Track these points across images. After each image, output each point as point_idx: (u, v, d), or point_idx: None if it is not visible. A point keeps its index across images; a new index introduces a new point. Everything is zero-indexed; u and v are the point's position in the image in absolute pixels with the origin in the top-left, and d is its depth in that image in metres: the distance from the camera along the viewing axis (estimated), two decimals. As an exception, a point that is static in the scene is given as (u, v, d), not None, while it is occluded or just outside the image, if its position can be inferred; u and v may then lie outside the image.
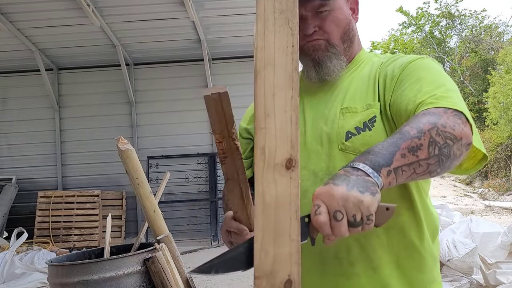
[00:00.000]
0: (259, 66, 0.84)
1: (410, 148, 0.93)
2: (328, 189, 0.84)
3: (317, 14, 1.26)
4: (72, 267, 2.05)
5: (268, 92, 0.84)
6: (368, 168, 0.88)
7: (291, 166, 0.81)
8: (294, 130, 0.82)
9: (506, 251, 4.93)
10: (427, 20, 26.58)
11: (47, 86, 8.53)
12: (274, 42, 0.85)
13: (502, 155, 17.11)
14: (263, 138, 0.82)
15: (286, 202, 0.81)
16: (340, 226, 0.82)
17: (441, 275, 4.07)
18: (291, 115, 0.82)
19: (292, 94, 0.83)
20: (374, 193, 0.84)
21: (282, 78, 0.84)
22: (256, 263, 0.79)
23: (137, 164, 2.11)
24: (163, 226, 2.18)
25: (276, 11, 0.86)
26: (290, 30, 0.86)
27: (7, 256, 5.33)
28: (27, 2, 6.69)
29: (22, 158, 8.87)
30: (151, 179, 8.34)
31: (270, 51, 0.85)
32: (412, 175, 0.94)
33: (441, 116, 0.99)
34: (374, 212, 0.84)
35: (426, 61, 1.21)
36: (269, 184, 0.81)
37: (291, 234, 0.80)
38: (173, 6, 7.01)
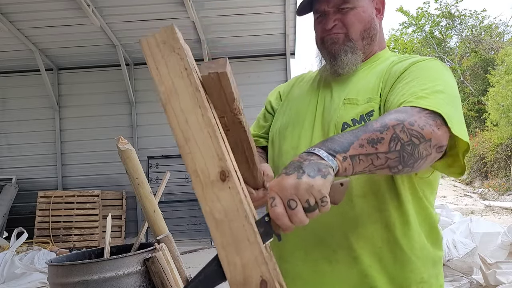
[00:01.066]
0: (164, 99, 0.89)
1: (370, 140, 0.93)
2: (280, 180, 0.85)
3: (339, 10, 1.30)
4: (72, 267, 2.05)
5: (181, 119, 0.88)
6: (323, 152, 0.89)
7: (225, 177, 0.84)
8: (215, 143, 0.85)
9: (506, 251, 4.93)
10: (427, 20, 26.57)
11: (47, 86, 8.53)
12: (169, 73, 0.90)
13: (502, 155, 17.11)
14: (192, 161, 0.86)
15: (234, 211, 0.83)
16: (296, 213, 0.83)
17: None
18: (207, 131, 0.86)
19: (202, 112, 0.86)
20: (325, 175, 0.85)
21: (188, 102, 0.88)
22: (228, 277, 0.83)
23: (137, 164, 2.11)
24: (163, 226, 2.18)
25: (159, 43, 0.91)
26: (178, 55, 0.90)
27: (7, 256, 5.33)
28: (27, 2, 6.69)
29: (22, 158, 8.86)
30: (151, 179, 8.34)
31: (168, 82, 0.89)
32: (369, 166, 0.94)
33: (412, 115, 0.99)
34: (327, 194, 0.85)
35: (431, 63, 1.21)
36: (213, 202, 0.84)
37: (249, 239, 0.82)
38: (173, 6, 7.01)
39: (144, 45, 0.90)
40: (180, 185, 8.61)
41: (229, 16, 7.55)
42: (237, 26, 7.87)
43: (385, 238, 1.20)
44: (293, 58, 9.25)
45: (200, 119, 0.87)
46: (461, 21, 25.81)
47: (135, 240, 2.47)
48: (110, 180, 8.69)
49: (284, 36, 8.34)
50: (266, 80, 8.59)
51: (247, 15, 7.49)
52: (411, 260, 1.21)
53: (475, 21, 25.55)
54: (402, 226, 1.20)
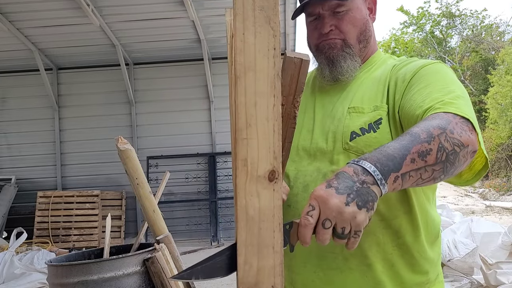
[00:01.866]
0: (239, 71, 0.79)
1: (420, 153, 0.92)
2: (328, 195, 0.83)
3: (334, 13, 1.26)
4: (72, 268, 2.03)
5: (250, 100, 0.79)
6: (378, 174, 0.87)
7: (274, 178, 0.80)
8: (276, 140, 0.80)
9: (507, 251, 4.92)
10: (427, 19, 26.58)
11: (46, 86, 8.52)
12: (255, 44, 0.80)
13: (503, 155, 17.11)
14: (245, 149, 0.79)
15: (269, 215, 0.80)
16: (325, 233, 0.83)
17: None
18: (273, 124, 0.79)
19: (275, 102, 0.79)
20: (369, 209, 0.84)
21: (264, 85, 0.79)
22: (240, 275, 0.80)
23: (136, 164, 2.10)
24: (162, 226, 2.17)
25: (256, 8, 0.80)
26: (272, 31, 0.81)
27: (6, 256, 5.32)
28: (27, 1, 6.68)
29: (21, 158, 8.85)
30: (150, 179, 8.33)
31: (250, 55, 0.79)
32: (417, 180, 0.93)
33: (450, 122, 0.98)
34: (363, 228, 0.84)
35: (438, 66, 1.20)
36: (252, 197, 0.80)
37: (274, 247, 0.79)
38: (173, 6, 7.00)
39: (238, 2, 0.79)
40: (180, 185, 8.61)
41: (229, 16, 7.53)
42: (237, 25, 7.86)
43: (396, 244, 1.19)
44: (293, 57, 9.23)
45: (271, 108, 0.79)
46: (462, 21, 25.82)
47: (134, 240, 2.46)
48: (109, 180, 8.68)
49: (284, 35, 8.33)
50: (266, 79, 8.59)
51: (247, 14, 7.48)
52: (420, 262, 1.21)
53: (475, 20, 25.56)
54: (412, 231, 1.20)
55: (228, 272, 0.84)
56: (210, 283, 4.84)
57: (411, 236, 1.20)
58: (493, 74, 18.72)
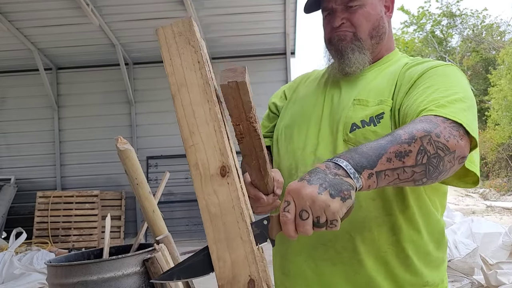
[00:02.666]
0: (174, 90, 0.89)
1: (398, 153, 0.91)
2: (300, 186, 0.84)
3: (346, 8, 1.27)
4: (71, 268, 2.02)
5: (188, 111, 0.88)
6: (351, 168, 0.87)
7: (226, 173, 0.85)
8: (220, 138, 0.86)
9: (507, 252, 4.92)
10: (428, 19, 26.58)
11: (46, 86, 8.51)
12: (181, 64, 0.90)
13: (504, 155, 17.10)
14: (194, 154, 0.87)
15: (229, 207, 0.84)
16: (305, 224, 0.84)
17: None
18: (213, 125, 0.87)
19: (210, 106, 0.87)
20: (345, 198, 0.84)
21: (197, 94, 0.88)
22: (217, 273, 0.84)
23: (136, 164, 2.08)
24: (162, 227, 2.16)
25: (175, 35, 0.91)
26: (193, 48, 0.90)
27: (6, 257, 5.31)
28: (26, 1, 6.67)
29: (21, 158, 8.84)
30: (150, 179, 8.32)
31: (180, 73, 0.89)
32: (395, 180, 0.93)
33: (438, 125, 0.97)
34: (339, 217, 0.84)
35: (448, 68, 1.19)
36: (210, 195, 0.85)
37: (242, 236, 0.83)
38: (173, 5, 7.00)
39: (160, 35, 0.90)
40: (179, 185, 8.59)
41: (229, 15, 7.53)
42: (237, 25, 7.86)
43: (390, 242, 1.19)
44: (293, 57, 9.24)
45: (207, 112, 0.87)
46: (462, 20, 25.82)
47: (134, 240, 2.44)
48: (109, 180, 8.66)
49: (284, 35, 8.32)
50: (267, 79, 8.56)
51: (247, 14, 7.48)
52: (416, 264, 1.20)
53: (476, 20, 25.56)
54: (408, 230, 1.20)
55: (208, 270, 0.86)
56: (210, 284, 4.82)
57: (406, 235, 1.19)
58: (493, 75, 18.70)
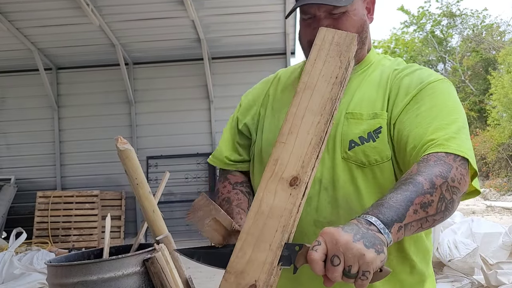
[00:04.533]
0: (300, 88, 0.92)
1: (422, 204, 0.94)
2: (335, 232, 0.84)
3: (330, 14, 1.23)
4: (71, 268, 2.02)
5: (299, 113, 0.91)
6: (380, 223, 0.88)
7: (295, 184, 0.87)
8: (309, 152, 0.88)
9: (508, 252, 4.91)
10: (428, 19, 26.56)
11: (46, 86, 8.50)
12: (321, 70, 0.93)
13: (504, 155, 17.09)
14: (280, 151, 0.89)
15: (278, 214, 0.85)
16: (334, 271, 0.82)
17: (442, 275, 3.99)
18: (311, 138, 0.89)
19: (320, 120, 0.90)
20: (379, 251, 0.83)
21: (316, 104, 0.91)
22: (232, 259, 0.85)
23: (136, 164, 2.07)
24: (162, 227, 2.15)
25: (333, 43, 0.94)
26: (340, 63, 0.93)
27: (6, 257, 5.30)
28: (26, 1, 6.67)
29: (21, 158, 8.83)
30: (150, 179, 8.31)
31: (314, 77, 0.92)
32: (418, 229, 0.95)
33: (451, 167, 1.00)
34: (373, 270, 0.83)
35: (444, 85, 1.19)
36: (270, 193, 0.87)
37: (271, 245, 0.84)
38: (173, 5, 6.99)
39: (320, 34, 0.94)
40: (179, 185, 8.59)
41: (229, 15, 7.53)
42: (237, 25, 7.85)
43: (395, 249, 1.19)
44: (293, 57, 9.24)
45: (314, 124, 0.89)
46: (462, 20, 25.80)
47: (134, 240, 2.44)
48: (109, 180, 8.66)
49: (284, 35, 8.32)
50: (266, 79, 8.57)
51: (247, 14, 7.47)
52: (416, 263, 1.22)
53: (476, 20, 25.54)
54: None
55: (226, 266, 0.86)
56: (211, 284, 4.83)
57: (409, 239, 1.20)
58: (492, 76, 18.67)
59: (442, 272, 4.67)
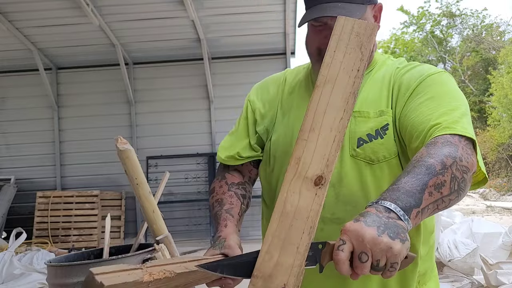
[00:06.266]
0: (320, 81, 0.87)
1: (436, 186, 0.94)
2: (359, 228, 0.82)
3: None
4: (71, 268, 2.02)
5: (320, 108, 0.87)
6: (400, 210, 0.87)
7: (320, 183, 0.84)
8: (333, 150, 0.85)
9: (508, 252, 4.92)
10: (428, 19, 26.58)
11: (46, 86, 8.50)
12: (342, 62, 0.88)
13: (504, 155, 17.09)
14: (302, 149, 0.85)
15: (304, 215, 0.82)
16: (363, 267, 0.82)
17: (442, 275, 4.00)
18: (335, 135, 0.85)
19: (343, 116, 0.86)
20: (404, 240, 0.83)
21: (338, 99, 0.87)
22: (258, 263, 0.82)
23: (136, 164, 2.08)
24: (162, 227, 2.16)
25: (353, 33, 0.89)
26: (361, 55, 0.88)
27: (5, 257, 5.30)
28: (26, 1, 6.66)
29: (20, 158, 8.83)
30: (150, 179, 8.30)
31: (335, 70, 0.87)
32: (434, 210, 0.95)
33: (458, 147, 1.01)
34: (400, 261, 0.83)
35: (444, 76, 1.21)
36: (294, 194, 0.83)
37: (299, 247, 0.81)
38: (173, 5, 6.99)
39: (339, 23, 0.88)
40: (179, 185, 8.59)
41: (229, 15, 7.52)
42: (237, 25, 7.85)
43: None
44: (293, 57, 9.23)
45: (337, 120, 0.85)
46: (462, 20, 25.81)
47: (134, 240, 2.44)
48: (109, 180, 8.66)
49: (284, 35, 8.31)
50: (266, 79, 8.57)
51: (247, 14, 7.47)
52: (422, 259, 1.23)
53: (476, 20, 25.55)
54: (416, 231, 1.21)
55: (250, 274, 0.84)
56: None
57: (416, 237, 1.21)
58: (493, 75, 18.67)
59: (442, 272, 4.67)
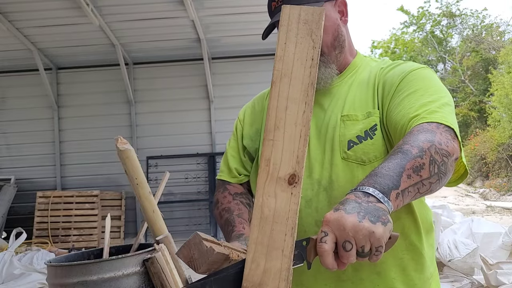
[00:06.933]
0: (276, 76, 0.84)
1: (415, 168, 0.93)
2: (339, 217, 0.82)
3: None
4: (71, 268, 2.02)
5: (281, 105, 0.83)
6: (378, 192, 0.87)
7: (294, 182, 0.81)
8: (301, 145, 0.81)
9: (507, 252, 4.92)
10: (428, 19, 26.59)
11: (46, 86, 8.50)
12: (294, 53, 0.84)
13: (503, 155, 17.08)
14: (270, 150, 0.82)
15: (283, 217, 0.80)
16: (348, 255, 0.82)
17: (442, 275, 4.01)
18: (300, 129, 0.82)
19: (305, 109, 0.82)
20: (385, 222, 0.83)
21: (297, 91, 0.83)
22: (246, 273, 0.80)
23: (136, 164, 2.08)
24: (162, 227, 2.15)
25: (300, 21, 0.84)
26: (312, 43, 0.84)
27: (6, 257, 5.30)
28: (26, 1, 6.66)
29: (20, 158, 8.83)
30: (150, 179, 8.31)
31: (288, 62, 0.84)
32: (416, 195, 0.95)
33: (435, 133, 1.00)
34: (384, 243, 0.83)
35: (425, 71, 1.22)
36: (270, 197, 0.81)
37: (284, 250, 0.80)
38: (173, 5, 6.99)
39: (284, 13, 0.84)
40: (179, 185, 8.59)
41: (229, 15, 7.52)
42: (237, 25, 7.85)
43: (404, 247, 1.20)
44: (293, 57, 9.22)
45: (300, 114, 0.82)
46: (462, 20, 25.81)
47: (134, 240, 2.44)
48: (109, 180, 8.66)
49: (284, 35, 8.31)
50: (266, 79, 8.56)
51: (247, 14, 7.47)
52: (425, 260, 1.23)
53: (476, 20, 25.56)
54: (415, 229, 1.21)
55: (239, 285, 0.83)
56: None
57: (416, 235, 1.21)
58: (493, 74, 18.66)
59: (442, 272, 4.67)
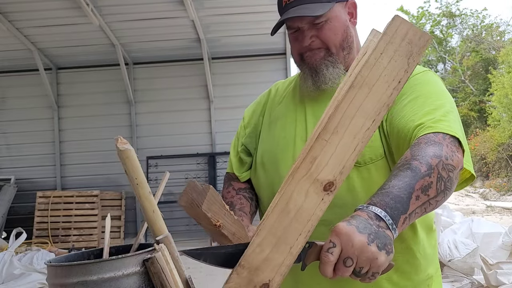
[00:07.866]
0: (358, 82, 0.80)
1: (423, 188, 0.93)
2: (351, 232, 0.82)
3: (313, 25, 1.26)
4: (71, 268, 2.02)
5: (350, 112, 0.80)
6: (389, 218, 0.87)
7: (329, 189, 0.80)
8: (351, 159, 0.80)
9: (507, 252, 4.91)
10: (428, 19, 26.57)
11: (46, 86, 8.50)
12: (385, 68, 0.81)
13: (504, 155, 17.08)
14: (320, 149, 0.80)
15: (305, 218, 0.79)
16: (345, 271, 0.83)
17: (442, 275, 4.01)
18: (357, 144, 0.80)
19: (370, 126, 0.80)
20: (389, 252, 0.84)
21: (371, 106, 0.80)
22: (247, 253, 0.80)
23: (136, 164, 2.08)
24: (162, 227, 2.15)
25: (405, 39, 0.81)
26: (407, 66, 0.81)
27: (6, 257, 5.30)
28: (26, 1, 6.66)
29: (20, 158, 8.82)
30: (150, 179, 8.30)
31: (375, 74, 0.81)
32: (422, 214, 0.95)
33: (442, 145, 1.00)
34: (381, 271, 0.84)
35: (428, 76, 1.22)
36: (300, 193, 0.79)
37: (292, 248, 0.80)
38: (173, 5, 6.98)
39: (393, 25, 0.81)
40: (179, 185, 8.57)
41: (229, 15, 7.52)
42: (237, 25, 7.85)
43: (399, 249, 1.19)
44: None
45: (364, 130, 0.81)
46: (462, 20, 25.80)
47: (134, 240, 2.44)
48: (109, 180, 8.65)
49: (285, 35, 8.30)
50: (266, 79, 8.55)
51: (247, 14, 7.47)
52: (421, 262, 1.22)
53: (476, 20, 25.54)
54: (412, 233, 1.21)
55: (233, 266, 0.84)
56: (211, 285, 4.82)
57: (412, 239, 1.21)
58: (493, 74, 18.66)
59: (442, 272, 4.67)
